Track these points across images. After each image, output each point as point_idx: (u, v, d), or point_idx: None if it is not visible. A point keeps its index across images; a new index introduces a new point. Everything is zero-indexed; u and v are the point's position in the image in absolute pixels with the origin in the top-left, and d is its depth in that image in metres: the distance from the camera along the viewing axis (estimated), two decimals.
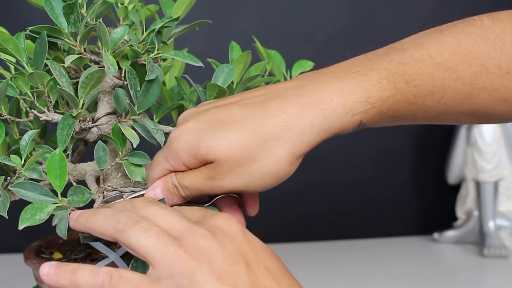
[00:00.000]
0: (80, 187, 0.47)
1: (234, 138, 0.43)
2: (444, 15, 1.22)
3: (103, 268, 0.40)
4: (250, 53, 0.56)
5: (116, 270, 0.40)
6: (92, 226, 0.44)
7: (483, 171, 1.12)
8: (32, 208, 0.45)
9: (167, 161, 0.46)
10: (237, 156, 0.43)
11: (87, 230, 0.44)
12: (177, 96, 0.63)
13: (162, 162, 0.47)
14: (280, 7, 1.18)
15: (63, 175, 0.45)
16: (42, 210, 0.45)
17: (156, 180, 0.47)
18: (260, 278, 0.39)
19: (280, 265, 0.42)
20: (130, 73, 0.52)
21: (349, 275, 1.00)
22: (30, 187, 0.46)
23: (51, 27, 0.49)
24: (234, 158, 0.43)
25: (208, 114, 0.45)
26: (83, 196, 0.46)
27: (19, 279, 0.83)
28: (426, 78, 0.44)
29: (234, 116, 0.44)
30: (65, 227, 0.46)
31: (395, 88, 0.44)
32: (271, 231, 1.20)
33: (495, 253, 1.06)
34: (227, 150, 0.43)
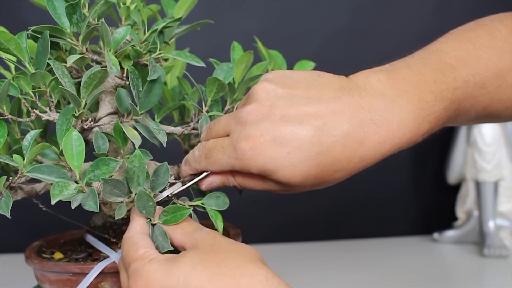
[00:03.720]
0: (103, 158, 0.45)
1: (311, 172, 0.44)
2: (445, 15, 1.22)
3: None
4: (252, 53, 0.56)
5: None
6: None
7: (483, 171, 1.12)
8: (58, 185, 0.44)
9: (233, 167, 0.46)
10: (310, 186, 0.45)
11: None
12: (179, 96, 0.64)
13: (225, 165, 0.46)
14: (281, 7, 1.18)
15: (80, 155, 0.44)
16: (67, 188, 0.44)
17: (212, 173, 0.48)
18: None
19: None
20: (133, 73, 0.52)
21: (349, 275, 1.00)
22: (47, 170, 0.45)
23: (53, 27, 0.49)
24: (306, 187, 0.45)
25: (285, 129, 0.43)
26: (108, 167, 0.45)
27: (19, 279, 0.84)
28: (466, 99, 0.46)
29: (313, 143, 0.43)
30: (94, 202, 0.45)
31: (448, 116, 0.46)
32: (271, 231, 1.20)
33: (495, 253, 1.06)
34: (303, 182, 0.44)
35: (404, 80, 0.45)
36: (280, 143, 0.43)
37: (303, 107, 0.44)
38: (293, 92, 0.45)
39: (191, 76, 0.58)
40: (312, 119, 0.43)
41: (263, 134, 0.43)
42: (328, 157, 0.43)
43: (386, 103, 0.44)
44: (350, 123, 0.43)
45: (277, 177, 0.44)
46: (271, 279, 0.40)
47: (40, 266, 0.53)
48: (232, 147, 0.45)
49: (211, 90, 0.54)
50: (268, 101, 0.44)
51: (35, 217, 1.00)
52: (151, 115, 0.56)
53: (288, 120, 0.43)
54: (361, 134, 0.43)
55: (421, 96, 0.44)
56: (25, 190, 0.52)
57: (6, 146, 0.56)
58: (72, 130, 0.44)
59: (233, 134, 0.45)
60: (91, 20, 0.51)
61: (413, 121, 0.44)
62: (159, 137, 0.51)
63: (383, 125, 0.43)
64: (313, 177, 0.44)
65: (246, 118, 0.44)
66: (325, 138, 0.43)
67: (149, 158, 0.51)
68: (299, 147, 0.43)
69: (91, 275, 0.50)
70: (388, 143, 0.44)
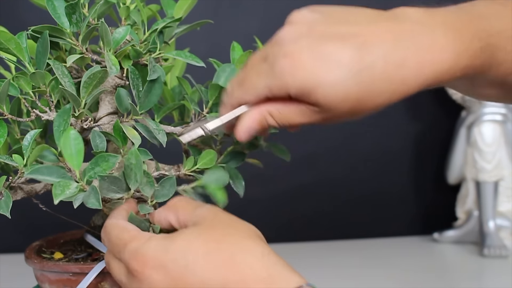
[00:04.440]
0: (103, 155, 0.45)
1: (352, 91, 0.42)
2: None
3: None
4: (251, 53, 0.56)
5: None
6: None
7: (483, 171, 1.12)
8: (59, 185, 0.44)
9: (270, 89, 0.44)
10: (349, 109, 0.43)
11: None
12: (179, 96, 0.64)
13: (261, 88, 0.44)
14: (281, 7, 1.17)
15: (79, 153, 0.44)
16: (68, 187, 0.44)
17: (249, 103, 0.46)
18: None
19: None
20: (133, 73, 0.52)
21: (348, 275, 1.00)
22: (47, 171, 0.45)
23: (53, 27, 0.49)
24: (345, 112, 0.43)
25: (325, 46, 0.42)
26: (107, 163, 0.45)
27: (19, 279, 0.84)
28: (500, 50, 0.45)
29: (354, 60, 0.41)
30: (97, 199, 0.44)
31: (483, 60, 0.44)
32: (272, 231, 1.20)
33: (495, 253, 1.06)
34: (342, 102, 0.42)
35: (441, 16, 0.44)
36: (320, 59, 0.41)
37: (342, 27, 0.42)
38: (331, 15, 0.44)
39: (191, 77, 0.58)
40: (352, 37, 0.42)
41: (303, 50, 0.42)
42: (369, 75, 0.42)
43: (425, 30, 0.43)
44: (390, 42, 0.42)
45: (317, 96, 0.42)
46: (267, 255, 0.40)
47: (40, 266, 0.53)
48: (269, 67, 0.43)
49: (213, 94, 0.54)
50: (306, 24, 0.43)
51: (35, 217, 1.00)
52: (151, 115, 0.56)
53: (328, 37, 0.42)
54: (402, 54, 0.42)
55: (459, 31, 0.43)
56: (25, 190, 0.52)
57: (6, 146, 0.56)
58: (70, 129, 0.44)
59: (270, 56, 0.43)
60: (91, 20, 0.51)
61: (452, 50, 0.43)
62: (159, 137, 0.51)
63: (424, 48, 0.42)
64: (354, 98, 0.42)
65: (283, 37, 0.43)
66: (366, 55, 0.42)
67: (149, 157, 0.51)
68: (340, 64, 0.41)
69: (91, 275, 0.50)
70: (429, 67, 0.42)
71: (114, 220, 0.46)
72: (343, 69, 0.41)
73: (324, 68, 0.41)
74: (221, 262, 0.39)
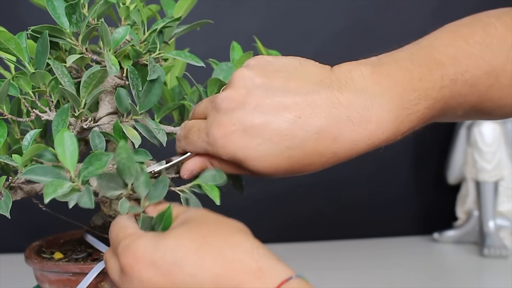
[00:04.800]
0: (95, 154, 0.45)
1: (281, 164, 0.44)
2: (445, 15, 1.22)
3: None
4: (251, 54, 0.56)
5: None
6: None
7: (483, 171, 1.12)
8: (52, 184, 0.43)
9: (206, 151, 0.46)
10: (282, 175, 0.45)
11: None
12: (178, 96, 0.64)
13: (199, 148, 0.47)
14: (281, 7, 1.18)
15: (73, 153, 0.44)
16: (61, 186, 0.44)
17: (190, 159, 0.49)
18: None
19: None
20: (132, 73, 0.52)
21: (349, 275, 1.00)
22: (41, 171, 0.45)
23: (53, 27, 0.49)
24: (278, 176, 0.45)
25: (257, 120, 0.43)
26: (100, 162, 0.45)
27: (19, 279, 0.83)
28: (453, 98, 0.45)
29: (285, 136, 0.43)
30: (89, 198, 0.44)
31: (431, 115, 0.46)
32: (272, 231, 1.20)
33: (495, 253, 1.06)
34: (273, 173, 0.45)
35: (388, 76, 0.44)
36: (251, 134, 0.43)
37: (279, 98, 0.43)
38: (272, 82, 0.44)
39: (190, 76, 0.58)
40: (286, 111, 0.43)
41: (235, 123, 0.43)
42: (299, 151, 0.43)
43: (366, 100, 0.43)
44: (325, 118, 0.42)
45: (247, 166, 0.44)
46: (256, 249, 0.40)
47: (40, 266, 0.53)
48: (205, 132, 0.45)
49: (212, 91, 0.53)
50: (245, 89, 0.44)
51: (35, 217, 1.00)
52: (150, 115, 0.56)
53: (262, 111, 0.43)
54: (335, 130, 0.43)
55: (404, 95, 0.43)
56: (24, 190, 0.52)
57: (6, 146, 0.56)
58: (64, 130, 0.44)
59: (208, 118, 0.46)
60: (91, 20, 0.51)
61: (392, 120, 0.43)
62: (159, 137, 0.51)
63: (360, 123, 0.43)
64: (284, 169, 0.44)
65: (220, 104, 0.44)
66: (298, 132, 0.43)
67: (149, 158, 0.51)
68: (270, 140, 0.43)
69: (91, 275, 0.50)
70: (364, 142, 0.43)
71: (117, 218, 0.47)
72: (272, 145, 0.43)
73: (254, 143, 0.43)
74: (211, 257, 0.40)
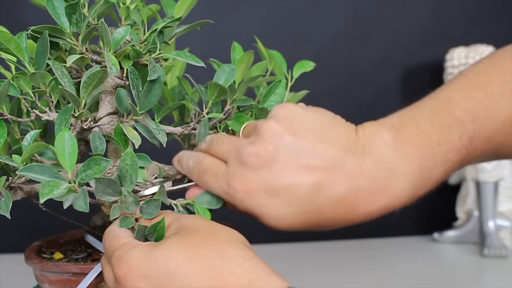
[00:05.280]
0: (95, 158, 0.45)
1: (297, 225, 0.45)
2: (445, 15, 1.22)
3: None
4: (252, 53, 0.56)
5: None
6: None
7: (483, 171, 1.12)
8: (48, 184, 0.43)
9: (220, 195, 0.47)
10: (296, 231, 0.47)
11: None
12: (179, 96, 0.63)
13: (214, 191, 0.48)
14: (281, 7, 1.18)
15: (72, 154, 0.44)
16: (57, 187, 0.44)
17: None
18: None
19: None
20: (132, 73, 0.52)
21: (349, 275, 1.00)
22: (39, 169, 0.45)
23: (53, 27, 0.49)
24: (293, 232, 0.46)
25: (281, 182, 0.44)
26: (99, 167, 0.45)
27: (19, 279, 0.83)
28: (471, 155, 0.46)
29: (305, 201, 0.44)
30: (85, 202, 0.44)
31: (446, 176, 0.46)
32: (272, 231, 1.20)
33: (495, 253, 1.06)
34: (286, 230, 0.46)
35: (409, 142, 0.44)
36: (272, 195, 0.44)
37: (305, 161, 0.43)
38: (301, 142, 0.44)
39: (191, 77, 0.58)
40: (310, 176, 0.43)
41: (259, 181, 0.44)
42: (316, 215, 0.44)
43: (386, 170, 0.44)
44: (347, 187, 0.43)
45: (262, 221, 0.46)
46: (248, 260, 0.40)
47: (40, 266, 0.53)
48: (225, 181, 0.46)
49: (212, 94, 0.53)
50: (273, 145, 0.44)
51: (35, 217, 1.00)
52: (151, 115, 0.56)
53: (287, 173, 0.43)
54: (355, 200, 0.44)
55: (423, 162, 0.44)
56: (24, 190, 0.52)
57: (6, 146, 0.56)
58: (65, 130, 0.44)
59: (231, 167, 0.46)
60: (91, 20, 0.51)
61: (410, 189, 0.45)
62: (159, 137, 0.51)
63: (379, 194, 0.44)
64: (297, 228, 0.46)
65: (246, 159, 0.44)
66: (318, 198, 0.44)
67: (150, 163, 0.51)
68: (290, 203, 0.44)
69: (90, 275, 0.50)
70: (380, 210, 0.45)
71: (112, 227, 0.47)
72: (291, 207, 0.44)
73: (274, 203, 0.44)
74: (202, 269, 0.40)
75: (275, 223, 0.45)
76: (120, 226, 0.47)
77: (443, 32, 1.21)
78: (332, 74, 1.17)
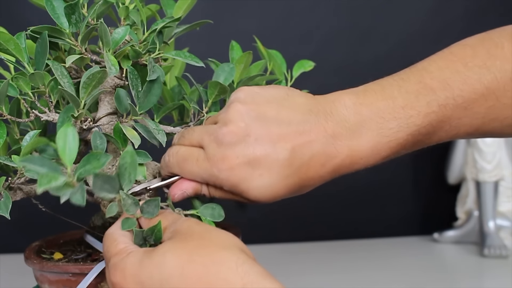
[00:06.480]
0: (95, 153, 0.45)
1: (281, 192, 0.47)
2: (444, 15, 1.22)
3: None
4: (251, 53, 0.56)
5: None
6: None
7: (483, 171, 1.12)
8: (47, 175, 0.42)
9: (205, 180, 0.48)
10: (280, 200, 0.48)
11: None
12: (178, 96, 0.63)
13: (198, 177, 0.49)
14: (280, 7, 1.18)
15: (73, 150, 0.43)
16: (56, 179, 0.43)
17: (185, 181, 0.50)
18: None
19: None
20: (132, 74, 0.52)
21: (348, 275, 1.00)
22: (39, 161, 0.43)
23: (52, 27, 0.49)
24: (276, 201, 0.48)
25: (258, 152, 0.46)
26: (98, 162, 0.45)
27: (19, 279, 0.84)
28: (444, 122, 0.47)
29: (284, 165, 0.46)
30: (82, 196, 0.44)
31: (417, 140, 0.48)
32: (271, 231, 1.20)
33: (495, 253, 1.06)
34: (270, 200, 0.47)
35: (370, 105, 0.47)
36: (253, 165, 0.46)
37: (275, 129, 0.46)
38: (266, 113, 0.47)
39: (190, 76, 0.58)
40: (283, 141, 0.46)
41: (238, 156, 0.46)
42: (295, 178, 0.46)
43: (347, 130, 0.46)
44: (316, 146, 0.46)
45: (248, 195, 0.47)
46: (241, 265, 0.40)
47: (40, 266, 0.53)
48: (207, 163, 0.47)
49: (212, 93, 0.53)
50: (243, 122, 0.46)
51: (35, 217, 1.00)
52: (150, 115, 0.56)
53: (262, 142, 0.46)
54: (323, 157, 0.46)
55: (384, 124, 0.46)
56: (24, 191, 0.52)
57: (6, 146, 0.56)
58: (69, 125, 0.44)
59: (209, 150, 0.47)
60: (90, 20, 0.51)
61: (371, 147, 0.47)
62: (159, 137, 0.51)
63: (342, 151, 0.47)
64: (281, 196, 0.47)
65: (222, 138, 0.46)
66: (294, 160, 0.46)
67: (149, 159, 0.51)
68: (271, 169, 0.46)
69: (90, 275, 0.50)
70: (346, 166, 0.47)
71: (111, 229, 0.47)
72: (273, 174, 0.46)
73: (256, 173, 0.46)
74: (195, 276, 0.39)
75: (260, 194, 0.47)
76: (122, 228, 0.47)
77: (443, 32, 1.21)
78: (332, 74, 1.17)
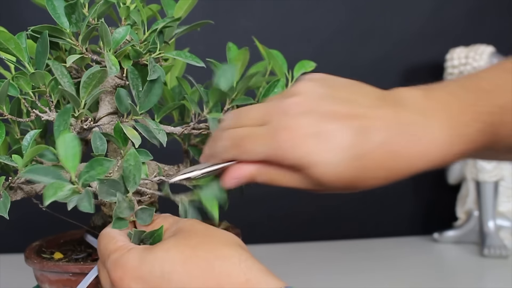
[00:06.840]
0: (97, 159, 0.45)
1: (346, 173, 0.43)
2: (444, 15, 1.22)
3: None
4: (247, 51, 0.56)
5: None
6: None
7: (483, 171, 1.12)
8: (52, 186, 0.43)
9: (267, 156, 0.44)
10: (341, 188, 0.44)
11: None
12: (178, 96, 0.63)
13: (258, 154, 0.44)
14: (280, 7, 1.18)
15: (75, 156, 0.43)
16: (62, 189, 0.43)
17: (243, 164, 0.46)
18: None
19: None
20: (132, 73, 0.52)
21: (348, 275, 1.00)
22: (43, 171, 0.44)
23: (52, 27, 0.49)
24: (337, 189, 0.44)
25: (327, 126, 0.42)
26: (102, 167, 0.45)
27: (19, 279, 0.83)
28: (504, 125, 0.46)
29: (353, 145, 0.42)
30: (89, 203, 0.44)
31: (483, 140, 0.46)
32: (271, 231, 1.20)
33: (495, 253, 1.06)
34: (335, 182, 0.43)
35: (439, 100, 0.45)
36: (320, 139, 0.42)
37: (346, 108, 0.43)
38: (337, 93, 0.44)
39: (191, 76, 0.58)
40: (354, 120, 0.43)
41: (304, 127, 0.42)
42: (363, 161, 0.42)
43: (420, 119, 0.44)
44: (389, 132, 0.43)
45: (311, 172, 0.43)
46: (244, 261, 0.40)
47: (40, 266, 0.53)
48: (269, 136, 0.43)
49: (213, 97, 0.53)
50: (312, 97, 0.44)
51: (35, 217, 1.00)
52: (151, 115, 0.56)
53: (331, 117, 0.43)
54: (396, 145, 0.43)
55: (455, 117, 0.44)
56: (24, 190, 0.52)
57: (6, 146, 0.56)
58: (67, 132, 0.44)
59: (272, 123, 0.44)
60: (91, 20, 0.51)
61: (444, 140, 0.44)
62: (159, 137, 0.51)
63: (417, 141, 0.43)
64: (347, 180, 0.43)
65: (288, 109, 0.43)
66: (363, 143, 0.42)
67: (149, 158, 0.51)
68: (338, 146, 0.42)
69: (90, 275, 0.50)
70: (420, 159, 0.44)
71: (108, 228, 0.47)
72: (340, 152, 0.42)
73: (323, 148, 0.42)
74: (198, 270, 0.40)
75: (324, 171, 0.42)
76: (112, 227, 0.47)
77: (443, 32, 1.21)
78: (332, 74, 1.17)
